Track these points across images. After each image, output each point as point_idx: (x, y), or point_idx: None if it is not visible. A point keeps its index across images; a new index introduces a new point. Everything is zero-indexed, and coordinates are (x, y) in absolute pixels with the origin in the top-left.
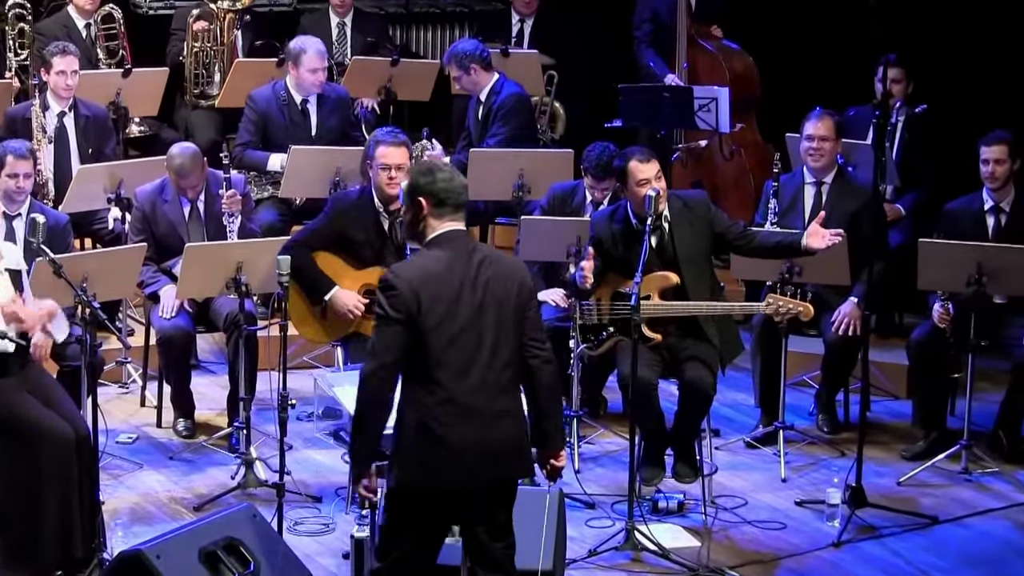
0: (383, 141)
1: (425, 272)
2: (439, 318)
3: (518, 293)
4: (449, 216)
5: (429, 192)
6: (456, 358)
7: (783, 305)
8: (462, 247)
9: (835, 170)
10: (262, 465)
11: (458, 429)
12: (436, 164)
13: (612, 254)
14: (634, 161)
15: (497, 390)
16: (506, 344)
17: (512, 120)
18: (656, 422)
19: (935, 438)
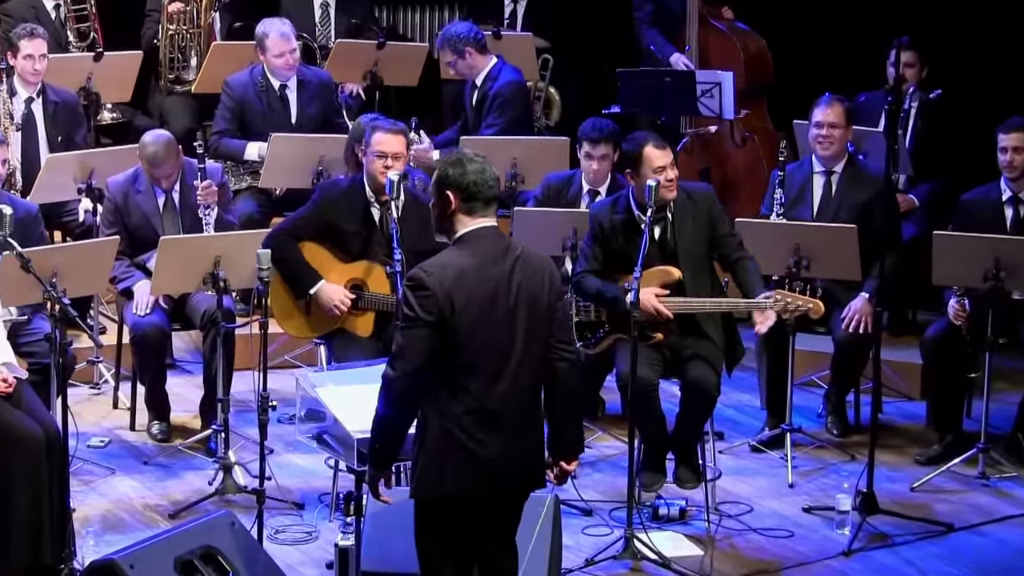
0: (380, 127)
1: (459, 272)
2: (472, 322)
3: (548, 291)
4: (480, 211)
5: (458, 185)
6: (486, 364)
7: (791, 302)
8: (496, 245)
9: (845, 159)
10: (241, 470)
11: (485, 438)
12: (466, 155)
13: (612, 245)
14: (650, 146)
15: (524, 396)
16: (535, 347)
17: (509, 110)
18: (657, 424)
19: (950, 441)
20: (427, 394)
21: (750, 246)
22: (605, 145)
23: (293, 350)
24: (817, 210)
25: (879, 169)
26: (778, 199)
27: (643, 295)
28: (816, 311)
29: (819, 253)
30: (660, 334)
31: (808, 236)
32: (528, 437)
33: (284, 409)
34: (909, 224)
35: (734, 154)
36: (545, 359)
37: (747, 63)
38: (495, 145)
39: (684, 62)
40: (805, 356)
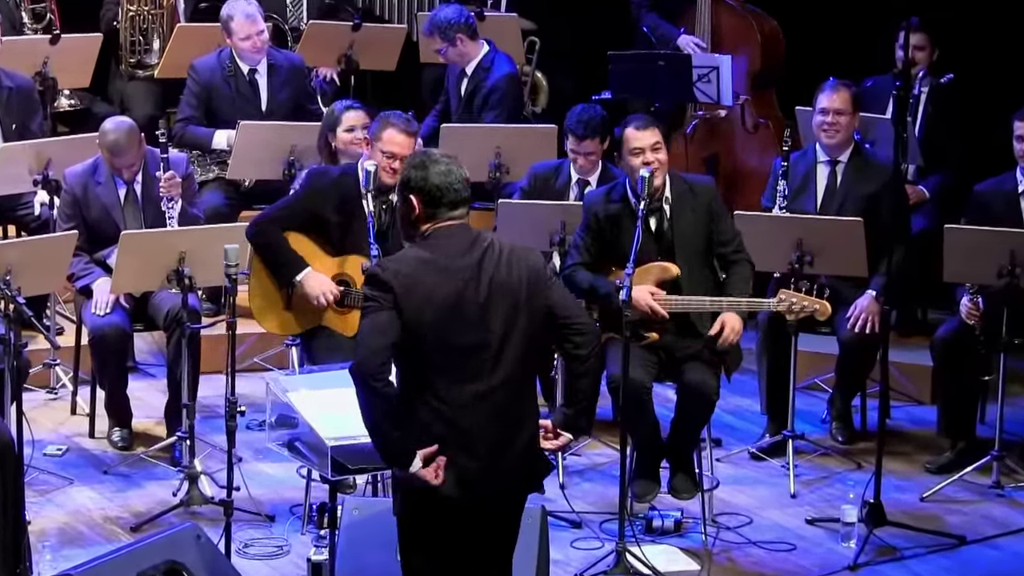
0: (394, 124)
1: (418, 266)
2: (435, 319)
3: (529, 282)
4: (444, 216)
5: (420, 189)
6: (456, 362)
7: (797, 302)
8: (461, 239)
9: (851, 147)
10: (207, 480)
11: (461, 441)
12: (431, 155)
13: (605, 237)
14: (630, 127)
15: (506, 395)
16: (517, 342)
17: (506, 105)
18: (650, 430)
19: (963, 448)
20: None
21: (750, 241)
22: (591, 141)
23: (263, 352)
24: (821, 202)
25: (887, 158)
26: (780, 191)
27: (637, 292)
28: (823, 313)
29: (823, 248)
30: (654, 334)
31: (812, 230)
32: (514, 437)
33: (253, 415)
34: (919, 217)
35: (745, 141)
36: (534, 353)
37: (763, 45)
38: (478, 134)
39: (695, 43)
40: (808, 358)
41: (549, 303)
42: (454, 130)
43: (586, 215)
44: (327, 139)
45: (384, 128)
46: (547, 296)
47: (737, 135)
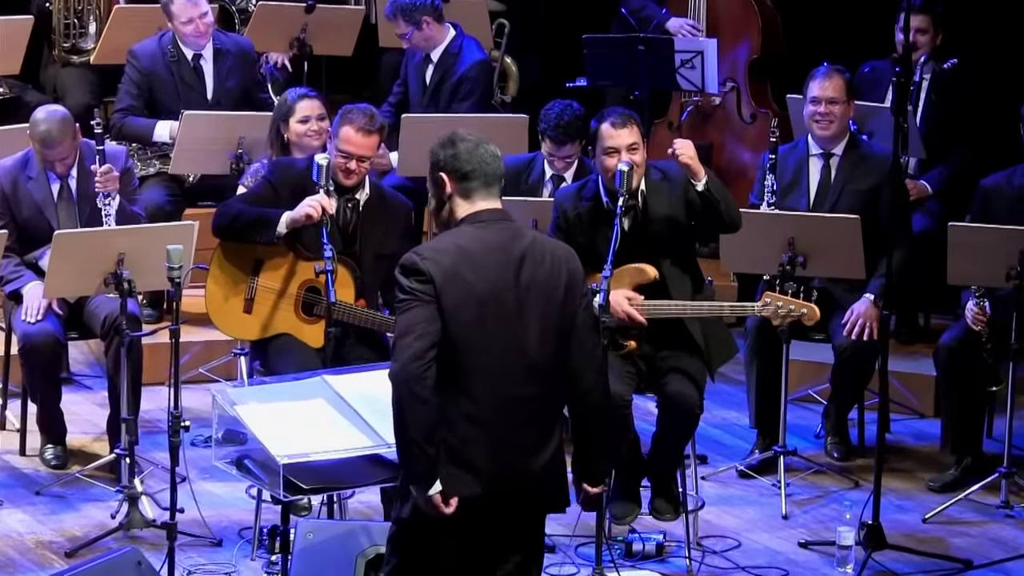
0: (353, 121)
1: (458, 257)
2: (471, 315)
3: (567, 286)
4: (480, 194)
5: (451, 168)
6: (490, 363)
7: (783, 306)
8: (503, 230)
9: (846, 139)
10: (149, 501)
11: (483, 448)
12: (459, 133)
13: (577, 238)
14: (606, 124)
15: (537, 403)
16: (552, 348)
17: (476, 95)
18: (630, 447)
19: (968, 465)
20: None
21: (736, 240)
22: (570, 146)
23: (209, 362)
24: (814, 199)
25: (885, 151)
26: (769, 186)
27: (613, 297)
28: (811, 317)
29: (816, 248)
30: (633, 342)
31: (804, 228)
32: (541, 449)
33: (199, 430)
34: (920, 215)
35: (741, 132)
36: (567, 363)
37: (763, 29)
38: (441, 125)
39: (688, 26)
40: (801, 367)
41: (575, 321)
42: (415, 121)
43: (556, 214)
44: (278, 130)
45: (341, 125)
46: (576, 312)
47: (733, 125)
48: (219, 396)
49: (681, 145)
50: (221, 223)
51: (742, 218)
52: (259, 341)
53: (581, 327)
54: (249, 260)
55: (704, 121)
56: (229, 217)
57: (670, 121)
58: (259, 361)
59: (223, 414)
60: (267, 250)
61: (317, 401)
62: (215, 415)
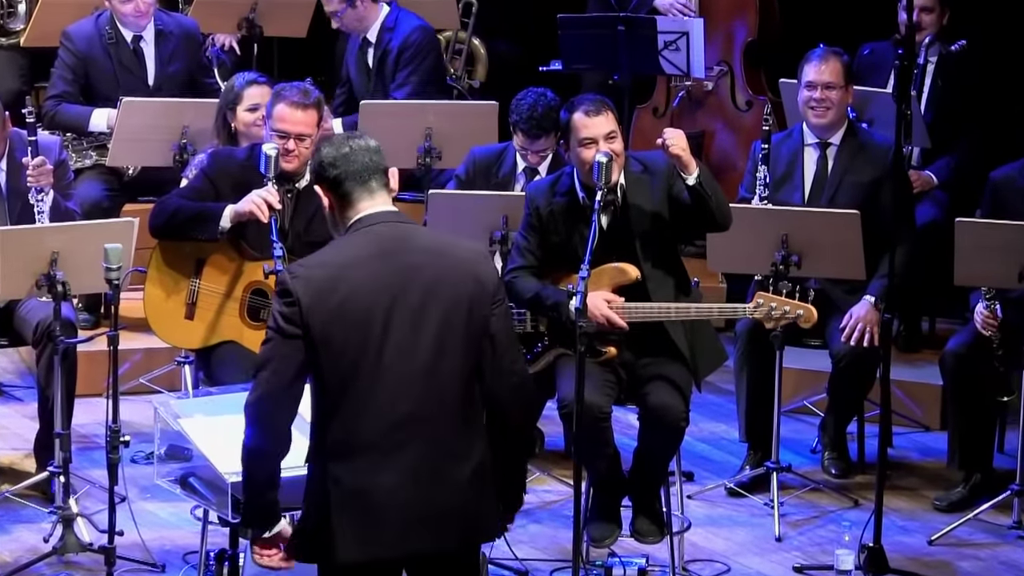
0: (286, 97)
1: (336, 270)
2: (352, 334)
3: (474, 293)
4: (358, 195)
5: (321, 177)
6: (379, 386)
7: (777, 307)
8: (393, 234)
9: (844, 127)
10: (85, 523)
11: (384, 483)
12: (329, 137)
13: (551, 237)
14: (579, 113)
15: (442, 426)
16: (454, 363)
17: (424, 62)
18: (609, 463)
19: (978, 482)
20: (311, 432)
21: (725, 237)
22: (545, 140)
23: (150, 371)
24: (809, 192)
25: (887, 140)
26: (760, 178)
27: (591, 300)
28: (808, 319)
29: (812, 246)
30: (613, 349)
31: (799, 224)
32: (453, 477)
33: (139, 446)
34: (925, 209)
35: (735, 121)
36: (475, 379)
37: (760, 10)
38: (404, 112)
39: (680, 5)
40: (795, 376)
41: (488, 332)
42: (374, 108)
43: (528, 211)
44: (225, 119)
45: (275, 104)
46: (488, 323)
47: (726, 113)
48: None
49: (671, 135)
50: (159, 220)
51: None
52: (203, 349)
53: (496, 335)
54: (190, 261)
55: (695, 108)
56: (167, 213)
57: (655, 107)
58: (203, 371)
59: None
60: (210, 250)
61: None
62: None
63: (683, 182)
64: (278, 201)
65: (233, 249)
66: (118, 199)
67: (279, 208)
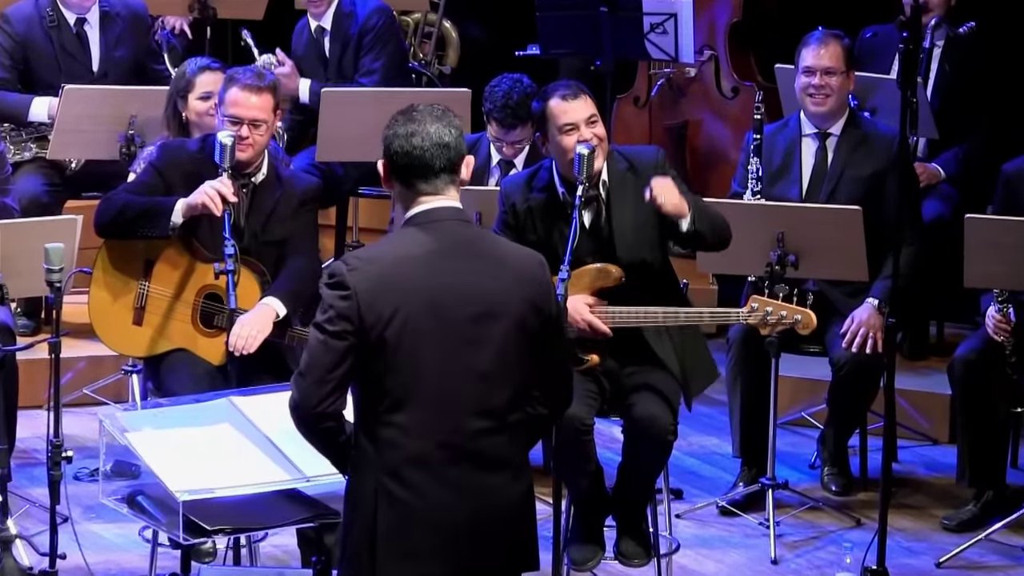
0: (238, 81)
1: (394, 266)
2: (410, 336)
3: (531, 300)
4: (425, 188)
5: (389, 151)
6: (434, 394)
7: (773, 311)
8: (455, 233)
9: (845, 116)
10: (24, 545)
11: (437, 494)
12: (413, 110)
13: (529, 235)
14: (555, 99)
15: (497, 439)
16: (510, 374)
17: (388, 46)
18: (591, 479)
19: (990, 500)
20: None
21: None
22: (521, 129)
23: (95, 381)
24: (807, 186)
25: (891, 131)
26: (753, 172)
27: (571, 303)
28: (806, 324)
29: (810, 245)
30: (595, 356)
31: (796, 221)
32: (504, 496)
33: (83, 461)
34: (933, 199)
35: (720, 109)
36: (527, 399)
37: None
38: (367, 100)
39: None
40: (793, 385)
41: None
42: (336, 96)
43: (503, 207)
44: (176, 108)
45: (227, 89)
46: (542, 343)
47: (711, 101)
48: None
49: (659, 190)
50: (105, 218)
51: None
52: (152, 357)
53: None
54: (139, 261)
55: (677, 97)
56: (114, 210)
57: (636, 96)
58: (152, 381)
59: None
60: (160, 249)
61: (222, 427)
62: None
63: (677, 227)
64: (233, 193)
65: (185, 249)
66: (60, 195)
67: (234, 201)
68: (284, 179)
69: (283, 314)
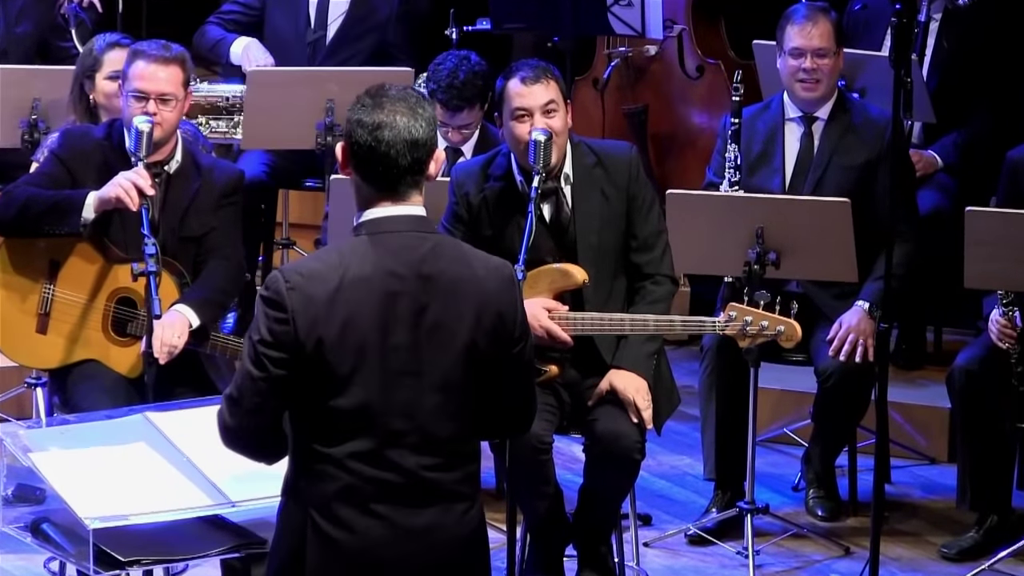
0: (142, 54)
1: (338, 285)
2: (351, 363)
3: (490, 334)
4: (385, 190)
5: (347, 139)
6: (373, 424)
7: (753, 322)
8: (408, 247)
9: (833, 99)
10: None
11: (368, 529)
12: (382, 93)
13: (483, 231)
14: (514, 79)
15: (438, 474)
16: (457, 405)
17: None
18: (550, 504)
19: (993, 525)
20: (288, 468)
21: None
22: (469, 112)
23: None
24: (791, 176)
25: (883, 114)
26: (730, 160)
27: (528, 308)
28: (790, 337)
29: (794, 241)
30: (554, 367)
31: (777, 215)
32: (454, 530)
33: None
34: (929, 190)
35: (685, 91)
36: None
37: None
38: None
39: None
40: (774, 398)
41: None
42: (263, 76)
43: (454, 198)
44: (83, 89)
45: (131, 62)
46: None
47: (674, 82)
48: (9, 441)
49: (640, 406)
50: (6, 214)
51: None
52: (58, 369)
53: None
54: (43, 262)
55: (636, 78)
56: (17, 205)
57: (595, 77)
58: (59, 395)
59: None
60: (67, 249)
61: (137, 446)
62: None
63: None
64: (150, 186)
65: (95, 248)
66: None
67: (152, 194)
68: (203, 168)
69: (196, 324)
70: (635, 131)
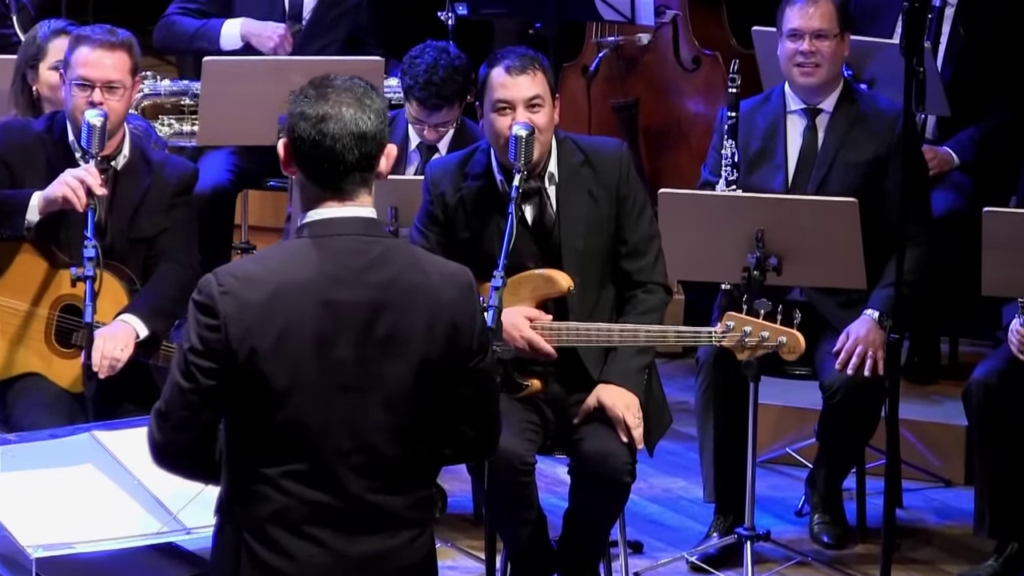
0: (88, 38)
1: (276, 291)
2: (289, 375)
3: (444, 345)
4: (330, 188)
5: (290, 135)
6: (313, 442)
7: (752, 333)
8: (348, 254)
9: (838, 89)
10: None
11: (308, 559)
12: (327, 84)
13: (460, 233)
14: (498, 68)
15: (385, 496)
16: (404, 423)
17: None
18: (532, 529)
19: (1014, 553)
20: (222, 488)
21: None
22: (448, 111)
23: None
24: (793, 174)
25: (894, 107)
26: (728, 156)
27: (508, 317)
28: (793, 348)
29: (797, 245)
30: (536, 382)
31: (779, 217)
32: (403, 559)
33: None
34: (943, 191)
35: (679, 83)
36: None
37: None
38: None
39: None
40: (776, 415)
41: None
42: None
43: (428, 197)
44: (25, 80)
45: (74, 48)
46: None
47: (667, 73)
48: None
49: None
50: None
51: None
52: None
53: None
54: None
55: (627, 69)
56: None
57: (584, 65)
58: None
59: None
60: (7, 254)
61: (84, 468)
62: None
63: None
64: (100, 185)
65: (38, 253)
66: None
67: (101, 194)
68: (154, 164)
69: (144, 335)
70: (625, 126)
